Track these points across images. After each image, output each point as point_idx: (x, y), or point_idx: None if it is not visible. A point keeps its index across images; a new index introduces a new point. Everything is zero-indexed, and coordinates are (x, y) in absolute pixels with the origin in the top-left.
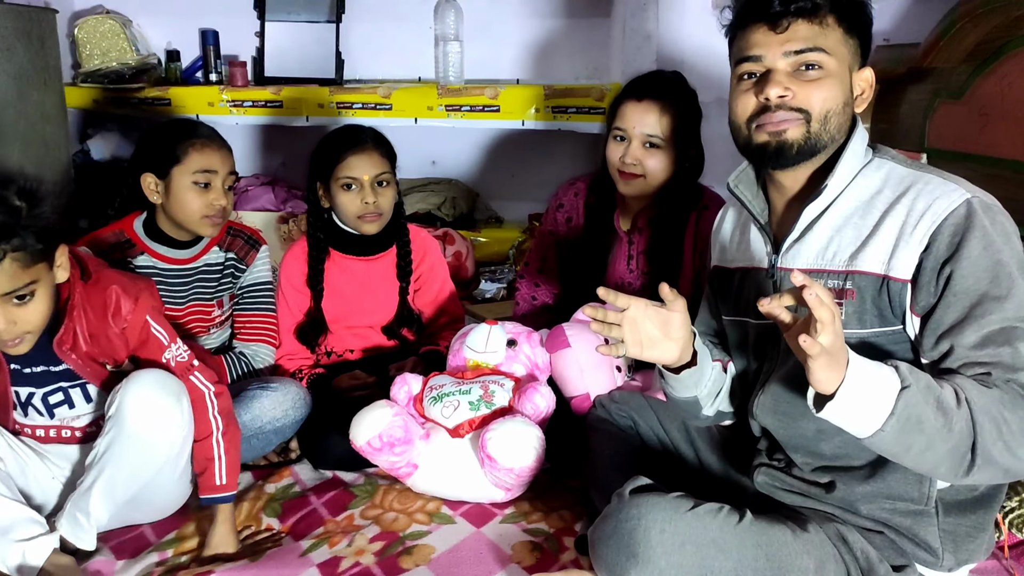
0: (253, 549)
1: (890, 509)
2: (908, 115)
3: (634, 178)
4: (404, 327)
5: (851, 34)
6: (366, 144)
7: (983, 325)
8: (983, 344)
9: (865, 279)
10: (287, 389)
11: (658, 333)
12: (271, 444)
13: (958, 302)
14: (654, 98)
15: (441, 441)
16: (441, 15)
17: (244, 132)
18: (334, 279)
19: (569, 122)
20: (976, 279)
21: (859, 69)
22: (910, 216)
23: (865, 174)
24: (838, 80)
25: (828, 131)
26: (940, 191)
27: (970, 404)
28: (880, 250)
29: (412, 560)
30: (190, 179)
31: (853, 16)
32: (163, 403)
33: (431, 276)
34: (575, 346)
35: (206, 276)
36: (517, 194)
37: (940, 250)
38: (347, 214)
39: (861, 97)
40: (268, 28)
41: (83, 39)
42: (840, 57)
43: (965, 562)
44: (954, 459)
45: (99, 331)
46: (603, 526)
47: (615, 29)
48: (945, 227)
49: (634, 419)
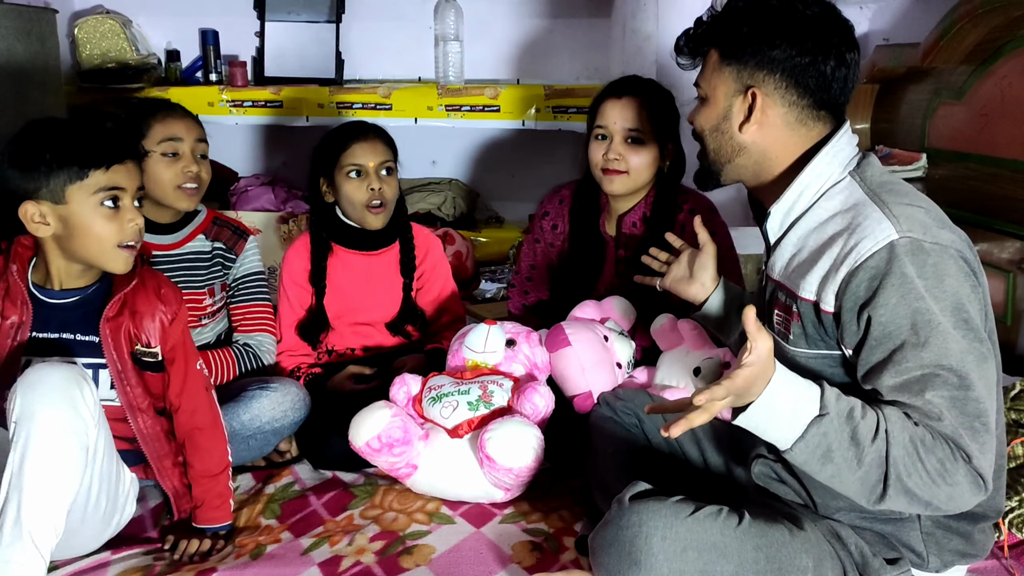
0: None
1: (868, 519)
2: (908, 115)
3: (618, 175)
4: (408, 323)
5: (727, 62)
6: (369, 134)
7: (901, 372)
8: (901, 389)
9: (805, 305)
10: (287, 390)
11: (687, 273)
12: (269, 445)
13: (879, 346)
14: (633, 94)
15: (440, 442)
16: (441, 15)
17: (244, 132)
18: (337, 275)
19: (569, 122)
20: (896, 326)
21: (743, 93)
22: (841, 251)
23: (830, 195)
24: (708, 109)
25: (708, 156)
26: (872, 229)
27: (888, 438)
28: (815, 279)
29: (412, 560)
30: (158, 150)
31: (726, 46)
32: (68, 390)
33: (434, 274)
34: (575, 344)
35: (193, 264)
36: (517, 194)
37: (859, 293)
38: (353, 203)
39: (746, 122)
40: (268, 28)
41: (83, 39)
42: (712, 88)
43: (952, 563)
44: (864, 487)
45: (145, 309)
46: (603, 533)
47: (615, 29)
48: (863, 269)
49: (639, 417)
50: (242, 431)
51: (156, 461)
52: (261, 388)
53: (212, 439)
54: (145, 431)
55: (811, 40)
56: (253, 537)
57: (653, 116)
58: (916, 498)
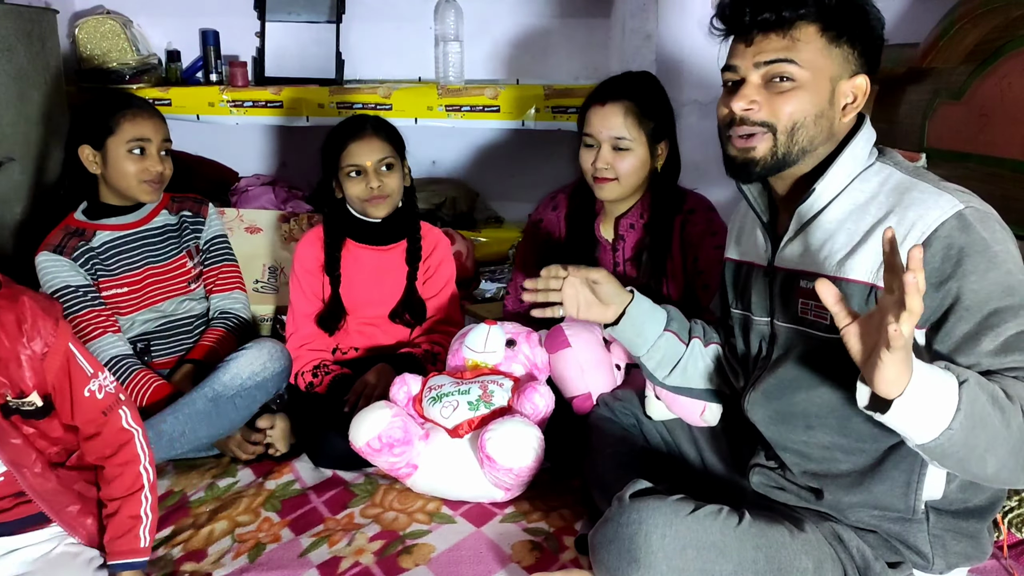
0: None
1: (878, 516)
2: (908, 115)
3: (607, 182)
4: (409, 312)
5: (838, 43)
6: (366, 131)
7: (1000, 333)
8: (1004, 351)
9: (853, 287)
10: (261, 345)
11: (592, 297)
12: (256, 401)
13: (970, 316)
14: (616, 99)
15: (440, 441)
16: (441, 15)
17: (244, 132)
18: (347, 269)
19: (569, 122)
20: (988, 294)
21: (851, 77)
22: (899, 227)
23: (864, 178)
24: (810, 93)
25: (796, 144)
26: (932, 201)
27: (1020, 401)
28: (869, 259)
29: (412, 559)
30: (125, 148)
31: (842, 24)
32: None
33: (438, 271)
34: (575, 346)
35: (165, 235)
36: (517, 194)
37: (935, 265)
38: (354, 200)
39: (852, 105)
40: (268, 28)
41: (83, 39)
42: (817, 68)
43: (956, 565)
44: (1016, 458)
45: (6, 354)
46: (603, 531)
47: (615, 29)
48: (935, 240)
49: (637, 418)
50: (225, 392)
51: (59, 515)
52: (237, 352)
53: (122, 463)
54: (36, 487)
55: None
56: (252, 532)
57: (640, 120)
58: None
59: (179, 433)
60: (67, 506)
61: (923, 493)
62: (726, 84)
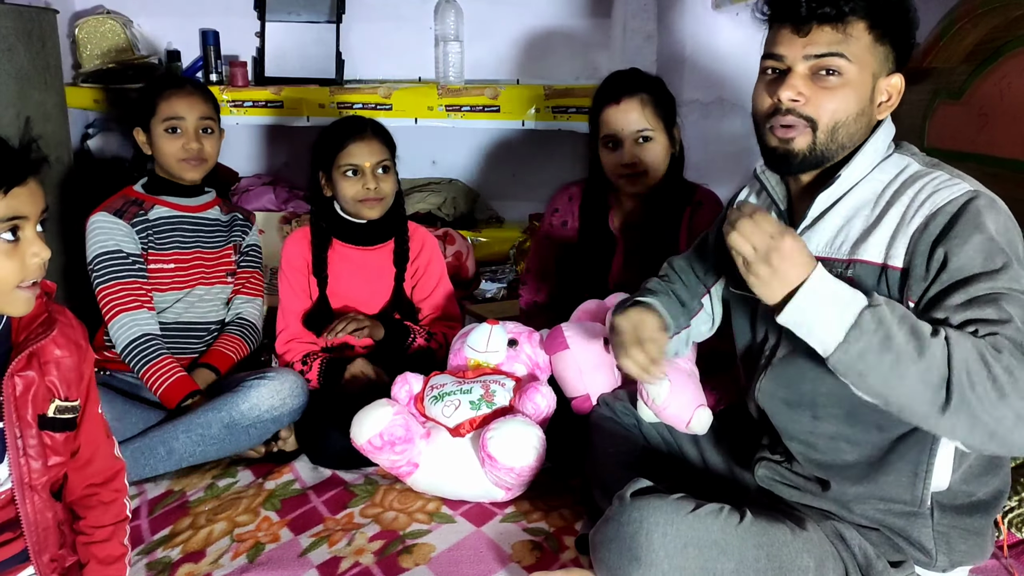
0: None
1: (884, 510)
2: (908, 115)
3: (639, 176)
4: (397, 313)
5: (882, 41)
6: (366, 132)
7: (970, 292)
8: (967, 305)
9: (865, 268)
10: (284, 378)
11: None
12: (268, 432)
13: (948, 279)
14: (630, 94)
15: (442, 440)
16: (441, 15)
17: (245, 132)
18: (335, 269)
19: (569, 122)
20: (969, 259)
21: (888, 75)
22: (911, 206)
23: (882, 168)
24: (855, 90)
25: (836, 141)
26: (946, 184)
27: (950, 343)
28: (881, 239)
29: (412, 559)
30: (161, 127)
31: (887, 23)
32: None
33: (428, 271)
34: (574, 347)
35: (216, 226)
36: (517, 194)
37: (932, 232)
38: (348, 200)
39: (886, 103)
40: (268, 28)
41: (83, 39)
42: (863, 65)
43: (959, 564)
44: (927, 388)
45: (60, 354)
46: (604, 529)
47: (615, 29)
48: (941, 213)
49: (638, 417)
50: (242, 420)
51: (36, 555)
52: (259, 378)
53: (115, 490)
54: (33, 516)
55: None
56: (252, 532)
57: (656, 109)
58: (979, 421)
59: (190, 453)
60: (46, 547)
61: (930, 484)
62: (764, 72)
